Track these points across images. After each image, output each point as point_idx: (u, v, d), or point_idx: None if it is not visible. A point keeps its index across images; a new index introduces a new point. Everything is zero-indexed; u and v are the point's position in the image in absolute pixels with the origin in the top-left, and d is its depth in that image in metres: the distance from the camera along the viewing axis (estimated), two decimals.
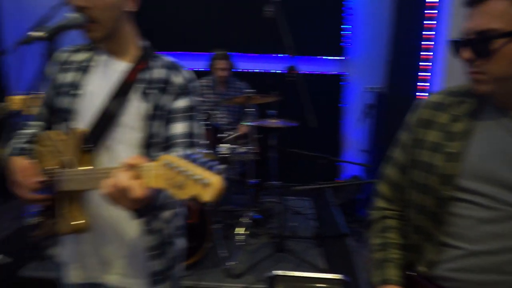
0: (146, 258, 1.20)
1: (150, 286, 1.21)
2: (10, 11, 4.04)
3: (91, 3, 1.07)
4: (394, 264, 1.11)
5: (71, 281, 1.24)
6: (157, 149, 1.17)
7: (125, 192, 0.84)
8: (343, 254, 3.01)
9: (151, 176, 0.83)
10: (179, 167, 0.78)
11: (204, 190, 0.74)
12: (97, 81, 1.20)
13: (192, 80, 1.24)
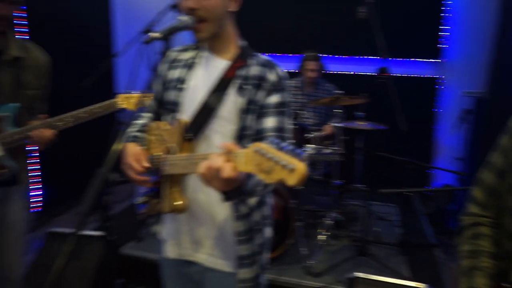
0: (234, 242, 1.29)
1: (236, 269, 1.30)
2: (120, 19, 4.53)
3: (200, 4, 1.19)
4: (483, 273, 1.06)
5: (167, 256, 1.38)
6: (249, 141, 1.25)
7: (217, 173, 0.93)
8: (429, 265, 2.87)
9: (242, 161, 0.91)
10: (268, 154, 0.84)
11: (290, 175, 0.79)
12: (200, 77, 1.32)
13: (285, 77, 1.30)
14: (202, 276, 1.35)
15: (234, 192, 1.02)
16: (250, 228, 1.29)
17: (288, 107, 1.29)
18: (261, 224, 1.34)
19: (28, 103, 1.78)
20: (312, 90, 3.62)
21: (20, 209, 1.87)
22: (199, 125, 1.26)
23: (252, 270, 1.30)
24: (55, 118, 1.74)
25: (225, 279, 1.32)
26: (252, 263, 1.30)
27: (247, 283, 1.30)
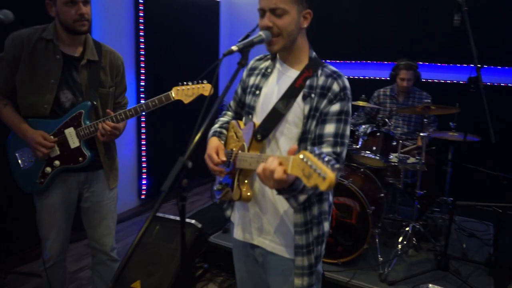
0: (293, 232, 1.43)
1: (292, 256, 1.44)
2: (224, 34, 4.97)
3: (274, 23, 1.36)
4: None
5: (235, 237, 1.59)
6: (309, 143, 1.39)
7: (271, 174, 1.10)
8: None
9: (290, 165, 1.06)
10: (309, 161, 0.99)
11: (322, 182, 0.94)
12: (272, 85, 1.50)
13: (346, 88, 1.41)
14: (264, 258, 1.53)
15: (285, 190, 1.18)
16: (308, 221, 1.42)
17: (347, 115, 1.40)
18: (319, 218, 1.45)
19: (104, 99, 2.05)
20: (404, 98, 3.56)
21: (103, 190, 2.14)
22: (268, 128, 1.43)
23: (308, 258, 1.43)
24: (117, 113, 1.98)
25: (284, 263, 1.47)
26: (308, 253, 1.43)
27: (303, 270, 1.43)
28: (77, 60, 1.98)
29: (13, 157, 2.00)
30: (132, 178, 4.15)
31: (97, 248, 2.20)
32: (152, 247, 2.80)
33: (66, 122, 1.95)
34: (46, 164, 1.96)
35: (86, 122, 1.96)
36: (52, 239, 2.07)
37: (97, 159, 2.06)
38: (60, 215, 2.06)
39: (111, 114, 1.96)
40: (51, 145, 1.92)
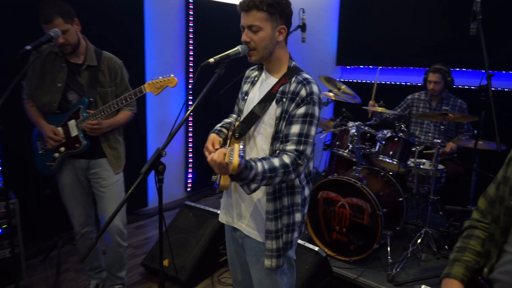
0: (264, 218, 1.65)
1: (264, 240, 1.66)
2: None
3: (251, 38, 1.60)
4: (462, 264, 1.20)
5: (220, 220, 1.85)
6: (279, 142, 1.60)
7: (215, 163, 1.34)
8: None
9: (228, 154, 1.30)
10: (232, 151, 1.26)
11: (229, 164, 1.25)
12: (256, 91, 1.74)
13: (313, 93, 1.59)
14: (242, 240, 1.76)
15: (236, 178, 1.40)
16: (278, 209, 1.63)
17: (313, 117, 1.58)
18: (289, 208, 1.65)
19: (104, 97, 2.40)
20: (437, 104, 3.55)
21: (108, 176, 2.48)
22: (245, 128, 1.67)
23: (276, 242, 1.63)
24: (99, 108, 2.34)
25: (256, 246, 1.69)
26: (276, 237, 1.63)
27: (272, 252, 1.64)
28: (80, 66, 2.39)
29: (35, 145, 2.48)
30: (180, 172, 4.58)
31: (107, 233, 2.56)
32: (183, 232, 3.16)
33: (70, 116, 2.37)
34: (55, 150, 2.41)
35: (83, 114, 2.36)
36: (76, 214, 2.52)
37: (98, 148, 2.45)
38: (76, 193, 2.51)
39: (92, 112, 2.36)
40: (58, 139, 2.35)
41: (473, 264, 1.21)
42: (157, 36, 4.01)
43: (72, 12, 2.28)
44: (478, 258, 1.22)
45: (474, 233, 1.28)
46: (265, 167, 1.43)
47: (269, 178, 1.47)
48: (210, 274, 3.07)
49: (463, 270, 1.20)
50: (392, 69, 4.50)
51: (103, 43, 2.56)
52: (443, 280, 1.24)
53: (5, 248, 2.61)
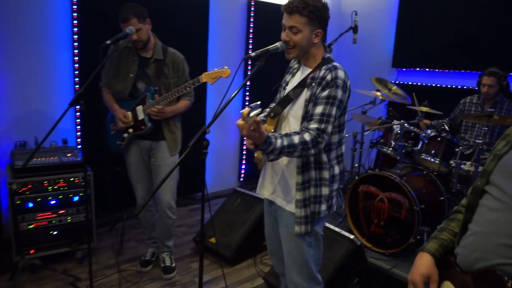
0: (294, 189, 1.87)
1: (294, 210, 1.87)
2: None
3: (290, 38, 1.83)
4: (438, 241, 1.35)
5: (258, 192, 2.10)
6: (306, 121, 1.80)
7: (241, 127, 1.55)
8: None
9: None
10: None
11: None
12: (294, 81, 1.97)
13: (338, 78, 1.77)
14: (276, 213, 2.00)
15: (257, 147, 1.62)
16: (305, 181, 1.84)
17: (335, 99, 1.76)
18: (316, 181, 1.85)
19: (167, 87, 2.74)
20: (490, 107, 3.52)
21: (165, 157, 2.81)
22: (280, 109, 1.91)
23: (304, 210, 1.84)
24: (161, 97, 2.69)
25: (288, 217, 1.92)
26: (304, 206, 1.84)
27: (300, 219, 1.85)
28: (149, 60, 2.75)
29: (108, 126, 2.89)
30: (234, 162, 4.90)
31: (158, 204, 2.94)
32: (231, 215, 3.46)
33: (138, 102, 2.74)
34: (124, 131, 2.80)
35: (149, 101, 2.72)
36: (139, 189, 2.92)
37: (159, 132, 2.80)
38: (140, 169, 2.90)
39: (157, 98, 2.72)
40: (127, 121, 2.74)
41: (448, 242, 1.33)
42: (220, 35, 4.36)
43: (145, 14, 2.66)
44: (454, 238, 1.32)
45: (456, 217, 1.39)
46: (284, 144, 1.64)
47: (287, 153, 1.68)
48: (253, 255, 3.33)
49: (437, 246, 1.32)
50: (449, 72, 4.47)
51: (171, 40, 2.93)
52: (417, 253, 1.37)
53: (80, 213, 3.08)
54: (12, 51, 3.14)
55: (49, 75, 3.35)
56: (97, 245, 3.31)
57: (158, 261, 3.14)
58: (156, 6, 3.56)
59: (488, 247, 1.11)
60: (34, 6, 3.18)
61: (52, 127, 2.25)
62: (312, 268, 1.95)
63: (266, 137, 1.58)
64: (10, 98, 3.19)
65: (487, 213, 1.15)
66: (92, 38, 3.20)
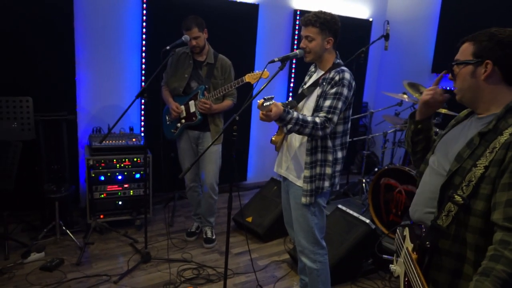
0: (303, 167, 2.31)
1: (302, 184, 2.31)
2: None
3: (307, 46, 2.28)
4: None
5: (275, 170, 2.56)
6: (317, 112, 2.23)
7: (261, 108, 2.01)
8: None
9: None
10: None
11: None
12: (309, 81, 2.41)
13: (345, 78, 2.19)
14: (288, 187, 2.45)
15: (278, 119, 2.05)
16: (313, 161, 2.27)
17: (341, 95, 2.18)
18: (321, 162, 2.27)
19: (215, 86, 3.26)
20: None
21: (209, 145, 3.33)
22: (295, 102, 2.37)
23: (310, 185, 2.28)
24: (210, 94, 3.21)
25: (297, 190, 2.36)
26: (311, 182, 2.28)
27: (307, 192, 2.29)
28: (202, 63, 3.30)
29: (164, 117, 3.47)
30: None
31: (203, 185, 3.48)
32: (267, 200, 3.93)
33: (191, 98, 3.29)
34: (177, 121, 3.36)
35: (200, 97, 3.25)
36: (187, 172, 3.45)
37: (206, 124, 3.31)
38: (189, 154, 3.46)
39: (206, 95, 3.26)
40: (178, 111, 3.30)
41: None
42: (267, 42, 4.85)
43: (204, 25, 3.23)
44: None
45: None
46: (299, 117, 2.08)
47: (301, 126, 2.09)
48: (284, 235, 3.77)
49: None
50: None
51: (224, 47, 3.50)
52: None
53: (140, 188, 3.71)
54: (93, 54, 3.87)
55: (121, 74, 4.05)
56: (153, 218, 3.94)
57: (201, 233, 3.69)
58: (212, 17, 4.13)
59: (421, 201, 1.49)
60: (111, 17, 3.88)
61: (120, 116, 2.88)
62: (317, 234, 2.38)
63: (284, 109, 2.03)
64: (90, 92, 3.92)
65: (424, 177, 1.53)
66: (157, 44, 3.84)
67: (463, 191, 1.30)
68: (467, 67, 1.39)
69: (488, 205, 1.25)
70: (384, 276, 3.22)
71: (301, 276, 2.80)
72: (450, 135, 1.51)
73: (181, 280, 3.00)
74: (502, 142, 1.26)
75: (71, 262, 3.13)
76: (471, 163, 1.31)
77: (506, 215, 1.18)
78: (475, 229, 1.28)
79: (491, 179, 1.25)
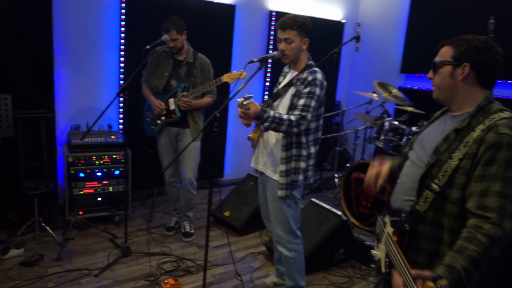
0: (279, 162, 2.45)
1: (278, 178, 2.46)
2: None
3: (286, 48, 2.41)
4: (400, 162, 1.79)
5: (252, 165, 2.70)
6: (291, 110, 2.37)
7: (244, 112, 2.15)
8: None
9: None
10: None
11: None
12: (284, 81, 2.56)
13: (317, 78, 2.35)
14: (265, 181, 2.60)
15: (256, 117, 2.19)
16: (288, 156, 2.42)
17: (314, 94, 2.33)
18: (296, 157, 2.42)
19: (195, 84, 3.36)
20: None
21: (188, 142, 3.27)
22: (270, 101, 2.51)
23: (286, 179, 2.43)
24: (189, 92, 3.31)
25: (273, 184, 2.51)
26: (286, 175, 2.43)
27: (282, 185, 2.44)
28: (181, 62, 3.40)
29: (145, 114, 3.56)
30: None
31: (182, 180, 3.57)
32: (244, 195, 4.06)
33: (171, 95, 3.39)
34: (157, 118, 3.45)
35: (180, 95, 3.35)
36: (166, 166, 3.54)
37: (186, 121, 3.42)
38: (168, 151, 3.56)
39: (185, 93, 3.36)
40: (161, 108, 3.38)
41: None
42: (243, 42, 4.98)
43: (183, 27, 3.33)
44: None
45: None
46: (275, 115, 2.23)
47: (277, 124, 2.24)
48: (260, 229, 3.91)
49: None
50: None
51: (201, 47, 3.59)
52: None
53: (120, 185, 3.78)
54: (72, 52, 3.90)
55: (99, 72, 4.09)
56: (132, 214, 4.02)
57: (180, 228, 3.79)
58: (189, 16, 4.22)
59: (402, 190, 1.65)
60: (90, 16, 3.92)
61: (101, 113, 2.95)
62: (292, 224, 2.53)
63: (261, 108, 2.18)
64: (68, 90, 3.95)
65: (404, 169, 1.70)
66: (136, 42, 3.91)
67: (440, 180, 1.46)
68: (447, 68, 1.55)
69: (463, 193, 1.42)
70: (354, 264, 3.41)
71: (277, 266, 2.95)
72: (427, 132, 1.69)
73: (161, 273, 3.10)
74: (474, 138, 1.43)
75: (51, 258, 3.17)
76: (447, 156, 1.48)
77: (479, 203, 1.35)
78: (451, 215, 1.45)
79: (465, 170, 1.42)
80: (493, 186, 1.35)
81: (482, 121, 1.46)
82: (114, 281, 2.96)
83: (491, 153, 1.37)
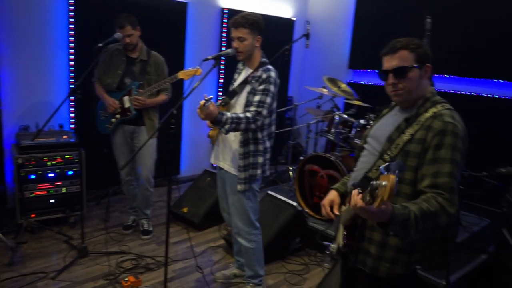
0: (238, 158, 2.54)
1: (237, 173, 2.54)
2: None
3: (239, 45, 2.49)
4: (341, 182, 1.95)
5: (210, 161, 2.77)
6: (248, 107, 2.47)
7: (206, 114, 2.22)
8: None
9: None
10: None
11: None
12: (239, 78, 2.64)
13: (270, 76, 2.46)
14: (224, 176, 2.67)
15: (215, 122, 2.27)
16: (246, 152, 2.51)
17: (268, 91, 2.44)
18: (254, 153, 2.52)
19: (149, 82, 3.35)
20: None
21: (144, 140, 3.23)
22: (227, 99, 2.59)
23: (244, 174, 2.52)
24: (144, 90, 3.31)
25: (233, 178, 2.59)
26: (245, 170, 2.52)
27: (241, 180, 2.53)
28: (135, 59, 3.39)
29: (99, 113, 3.52)
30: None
31: (139, 178, 3.59)
32: (202, 190, 4.11)
33: (125, 93, 3.38)
34: (112, 116, 3.43)
35: (134, 92, 3.34)
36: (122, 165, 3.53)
37: (141, 119, 3.42)
38: (124, 149, 3.54)
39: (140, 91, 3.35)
40: (116, 106, 3.36)
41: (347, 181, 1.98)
42: (196, 39, 5.00)
43: (137, 22, 3.31)
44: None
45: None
46: (232, 116, 2.31)
47: (236, 124, 2.32)
48: (218, 223, 3.98)
49: (340, 185, 1.93)
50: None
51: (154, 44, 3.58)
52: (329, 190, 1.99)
53: (74, 185, 3.70)
54: (17, 51, 3.75)
55: (48, 71, 3.97)
56: (87, 214, 3.94)
57: (138, 226, 3.79)
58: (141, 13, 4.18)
59: (359, 176, 1.78)
60: (36, 13, 3.80)
61: (52, 113, 2.90)
62: (251, 216, 2.64)
63: (219, 112, 2.25)
64: (15, 89, 3.80)
65: (361, 158, 1.84)
66: (85, 40, 3.84)
67: (392, 152, 1.63)
68: (415, 71, 1.68)
69: (415, 175, 1.59)
70: (310, 252, 3.58)
71: (237, 258, 3.05)
72: (379, 125, 1.84)
73: (120, 271, 3.09)
74: (421, 121, 1.61)
75: (3, 263, 3.07)
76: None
77: (432, 183, 1.52)
78: (404, 195, 1.61)
79: (416, 154, 1.59)
80: (443, 168, 1.53)
81: (428, 109, 1.64)
82: (72, 282, 2.93)
83: (439, 138, 1.55)
